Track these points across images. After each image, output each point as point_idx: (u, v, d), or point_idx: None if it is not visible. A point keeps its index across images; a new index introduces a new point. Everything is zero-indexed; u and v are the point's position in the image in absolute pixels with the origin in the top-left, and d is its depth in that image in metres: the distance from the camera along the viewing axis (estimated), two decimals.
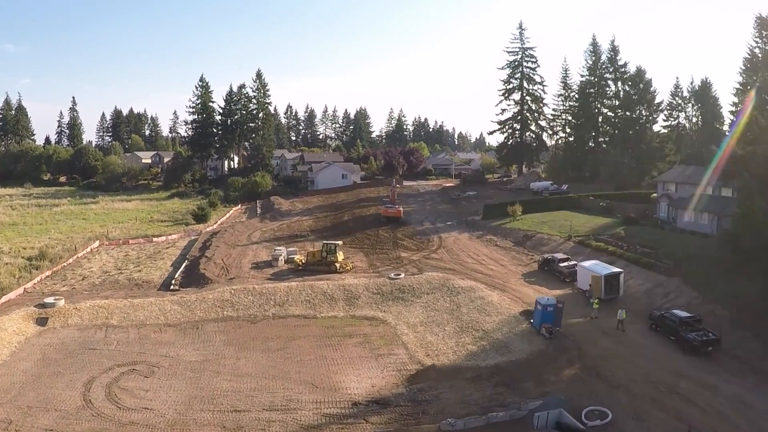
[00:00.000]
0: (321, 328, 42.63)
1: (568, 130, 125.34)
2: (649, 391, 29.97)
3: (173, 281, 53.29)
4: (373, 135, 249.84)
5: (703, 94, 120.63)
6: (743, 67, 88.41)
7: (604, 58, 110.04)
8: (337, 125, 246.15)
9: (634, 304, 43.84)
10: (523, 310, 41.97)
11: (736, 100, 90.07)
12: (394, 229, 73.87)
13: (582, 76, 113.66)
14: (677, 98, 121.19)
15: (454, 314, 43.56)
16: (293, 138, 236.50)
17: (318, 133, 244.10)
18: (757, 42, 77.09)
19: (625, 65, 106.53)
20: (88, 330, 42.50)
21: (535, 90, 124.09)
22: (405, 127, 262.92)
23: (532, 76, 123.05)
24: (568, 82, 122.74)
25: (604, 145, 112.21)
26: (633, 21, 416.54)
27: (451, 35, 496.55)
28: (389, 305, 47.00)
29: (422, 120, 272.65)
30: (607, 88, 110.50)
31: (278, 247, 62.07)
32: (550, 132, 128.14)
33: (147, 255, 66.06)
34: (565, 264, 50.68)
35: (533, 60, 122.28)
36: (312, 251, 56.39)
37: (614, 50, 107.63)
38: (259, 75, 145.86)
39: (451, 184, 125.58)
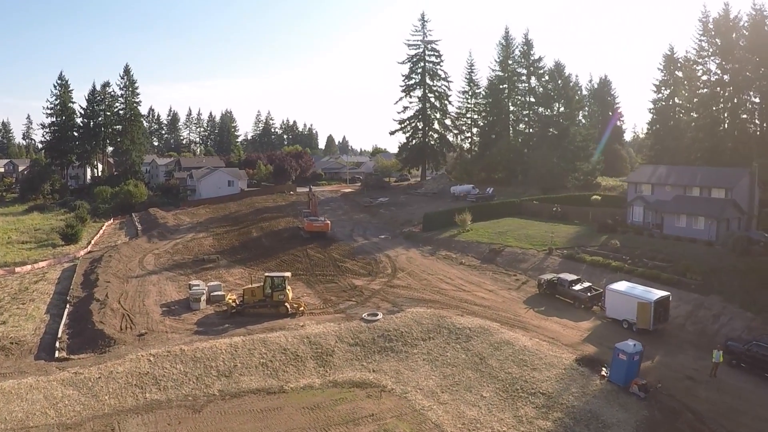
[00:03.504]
0: (302, 412, 29.78)
1: (475, 129, 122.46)
2: None
3: (58, 342, 37.16)
4: (240, 139, 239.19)
5: (602, 92, 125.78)
6: (663, 65, 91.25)
7: (517, 52, 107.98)
8: (202, 129, 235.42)
9: (682, 332, 38.07)
10: (578, 357, 33.28)
11: (656, 96, 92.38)
12: (325, 248, 62.03)
13: (493, 70, 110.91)
14: (577, 96, 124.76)
15: (481, 370, 33.48)
16: (156, 143, 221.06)
17: (182, 137, 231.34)
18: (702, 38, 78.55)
19: (539, 60, 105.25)
20: None
21: (439, 86, 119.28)
22: (273, 130, 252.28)
23: (435, 71, 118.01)
24: (474, 78, 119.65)
25: (516, 144, 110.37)
26: (530, 17, 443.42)
27: (316, 35, 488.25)
28: (378, 361, 35.62)
29: (291, 123, 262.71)
30: (520, 84, 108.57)
31: (195, 282, 47.28)
32: (456, 131, 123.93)
33: (10, 295, 48.51)
34: (581, 287, 43.28)
35: (437, 54, 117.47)
36: (250, 288, 42.66)
37: (528, 44, 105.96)
38: (127, 71, 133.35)
39: (350, 190, 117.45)
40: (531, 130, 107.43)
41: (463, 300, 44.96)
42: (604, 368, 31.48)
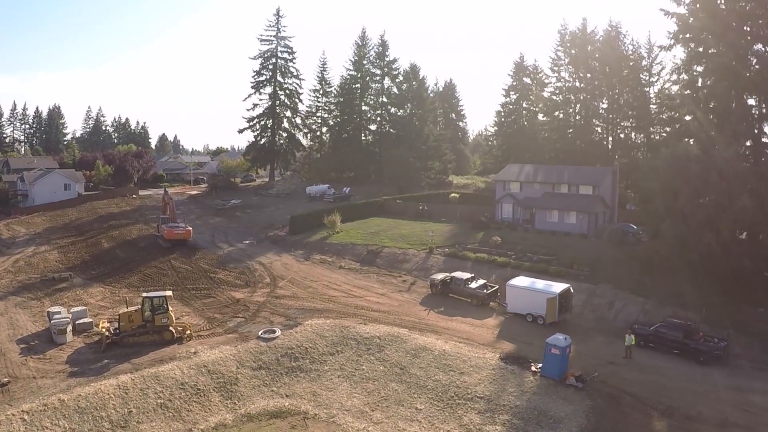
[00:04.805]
0: None
1: (325, 129, 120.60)
2: (748, 419, 26.74)
3: None
4: (68, 137, 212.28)
5: (447, 95, 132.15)
6: (513, 71, 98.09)
7: (372, 53, 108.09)
8: (27, 126, 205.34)
9: (583, 321, 39.95)
10: (502, 356, 32.61)
11: (505, 100, 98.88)
12: (190, 257, 55.48)
13: (347, 70, 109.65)
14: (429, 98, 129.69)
15: (406, 381, 31.11)
16: None
17: (5, 135, 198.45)
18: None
19: (394, 61, 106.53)
20: None
21: (290, 84, 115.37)
22: (105, 128, 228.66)
23: (287, 68, 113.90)
24: (326, 77, 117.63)
25: (368, 144, 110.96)
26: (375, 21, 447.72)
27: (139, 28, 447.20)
28: (289, 384, 31.51)
29: (123, 120, 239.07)
30: (374, 84, 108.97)
31: (55, 309, 37.84)
32: (306, 130, 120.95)
33: None
34: (476, 285, 43.15)
35: (290, 51, 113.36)
36: (127, 313, 35.04)
37: (383, 45, 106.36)
38: None
39: (197, 192, 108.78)
40: (383, 129, 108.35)
41: (359, 306, 42.33)
42: (532, 364, 31.14)
